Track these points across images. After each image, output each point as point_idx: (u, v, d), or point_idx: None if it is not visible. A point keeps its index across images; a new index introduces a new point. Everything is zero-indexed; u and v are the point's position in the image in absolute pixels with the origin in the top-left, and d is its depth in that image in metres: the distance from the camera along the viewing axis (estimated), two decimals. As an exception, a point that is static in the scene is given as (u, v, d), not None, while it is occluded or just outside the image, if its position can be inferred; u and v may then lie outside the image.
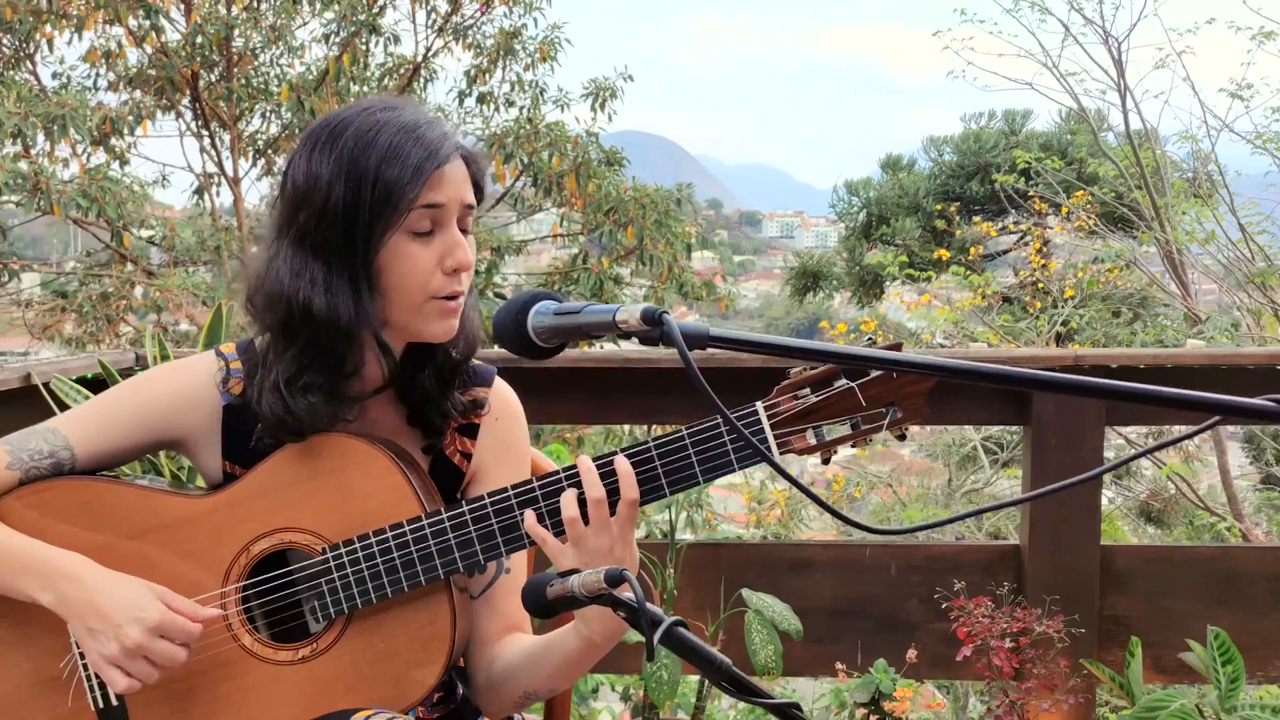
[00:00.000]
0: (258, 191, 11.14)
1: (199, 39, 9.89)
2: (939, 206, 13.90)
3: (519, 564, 1.54)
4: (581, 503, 1.35)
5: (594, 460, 1.37)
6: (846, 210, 18.58)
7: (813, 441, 1.39)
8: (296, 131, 10.72)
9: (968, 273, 8.99)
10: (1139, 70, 7.44)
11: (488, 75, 11.40)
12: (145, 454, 1.50)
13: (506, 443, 1.55)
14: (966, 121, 18.78)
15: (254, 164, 11.20)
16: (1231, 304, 7.52)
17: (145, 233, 10.17)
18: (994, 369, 1.04)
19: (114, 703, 1.41)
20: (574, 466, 1.37)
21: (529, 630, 1.53)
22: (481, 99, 11.49)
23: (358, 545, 1.39)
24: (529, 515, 1.37)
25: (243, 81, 10.30)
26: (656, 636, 1.18)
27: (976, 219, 12.14)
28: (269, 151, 11.05)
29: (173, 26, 10.49)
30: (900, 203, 17.24)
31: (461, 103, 11.41)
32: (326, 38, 10.36)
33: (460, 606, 1.43)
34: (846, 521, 1.13)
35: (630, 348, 3.05)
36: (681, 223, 10.37)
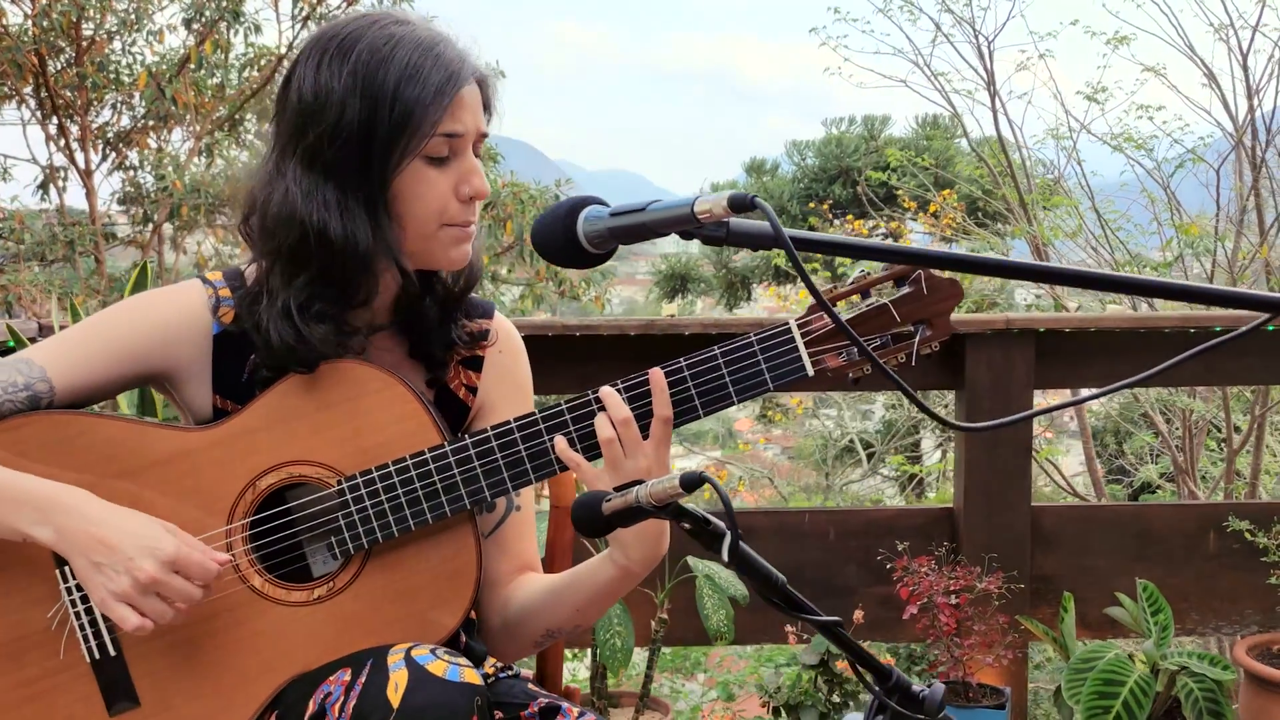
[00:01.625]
0: (109, 186, 10.64)
1: (46, 22, 9.38)
2: (811, 204, 14.19)
3: (528, 502, 1.48)
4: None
5: (625, 380, 1.33)
6: (712, 213, 18.76)
7: (844, 360, 1.37)
8: (152, 124, 10.28)
9: (831, 274, 9.18)
10: (1003, 71, 7.69)
11: (354, 69, 11.15)
12: (128, 388, 1.38)
13: (511, 375, 1.49)
14: (828, 126, 19.25)
15: (104, 157, 10.69)
16: (1095, 294, 7.85)
17: (-9, 226, 9.59)
18: (1066, 270, 1.04)
19: (111, 653, 1.29)
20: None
21: (540, 570, 1.47)
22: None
23: (376, 476, 1.31)
24: (560, 440, 1.32)
25: (97, 66, 9.81)
26: (725, 549, 1.15)
27: (850, 216, 12.41)
28: (120, 145, 10.56)
29: (15, 7, 9.94)
30: (765, 206, 17.53)
31: (328, 96, 11.14)
32: (188, 23, 9.94)
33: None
34: (942, 421, 1.11)
35: (568, 318, 2.99)
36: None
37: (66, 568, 1.29)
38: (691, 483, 1.08)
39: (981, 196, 8.98)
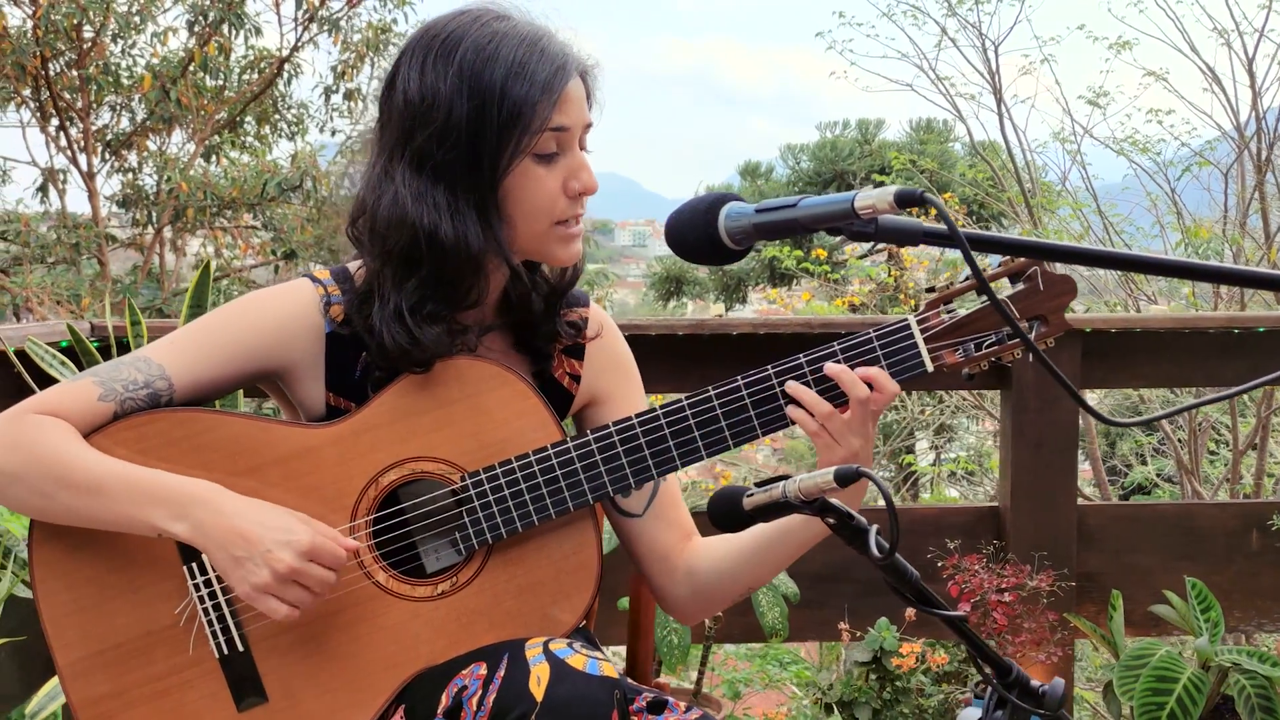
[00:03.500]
0: (109, 189, 10.60)
1: (48, 24, 9.35)
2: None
3: (672, 474, 1.49)
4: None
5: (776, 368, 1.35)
6: (707, 216, 18.81)
7: (960, 357, 1.38)
8: (155, 125, 10.25)
9: (828, 275, 9.18)
10: (1007, 75, 7.72)
11: (355, 71, 11.14)
12: (243, 385, 1.39)
13: (616, 359, 1.50)
14: (822, 130, 19.30)
15: (104, 160, 10.65)
16: (1104, 299, 7.88)
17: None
18: (1205, 265, 1.05)
19: (239, 649, 1.29)
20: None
21: (697, 533, 1.48)
22: (349, 95, 11.21)
23: (499, 471, 1.31)
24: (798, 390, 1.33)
25: (101, 68, 9.78)
26: (872, 543, 1.16)
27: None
28: (122, 150, 10.52)
29: (16, 9, 9.89)
30: (760, 208, 17.60)
31: (328, 99, 11.11)
32: (191, 24, 9.92)
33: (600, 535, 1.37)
34: (1096, 415, 1.12)
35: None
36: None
37: (194, 564, 1.30)
38: (846, 477, 1.09)
39: (986, 196, 9.01)
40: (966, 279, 1.38)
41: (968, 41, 8.58)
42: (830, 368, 1.31)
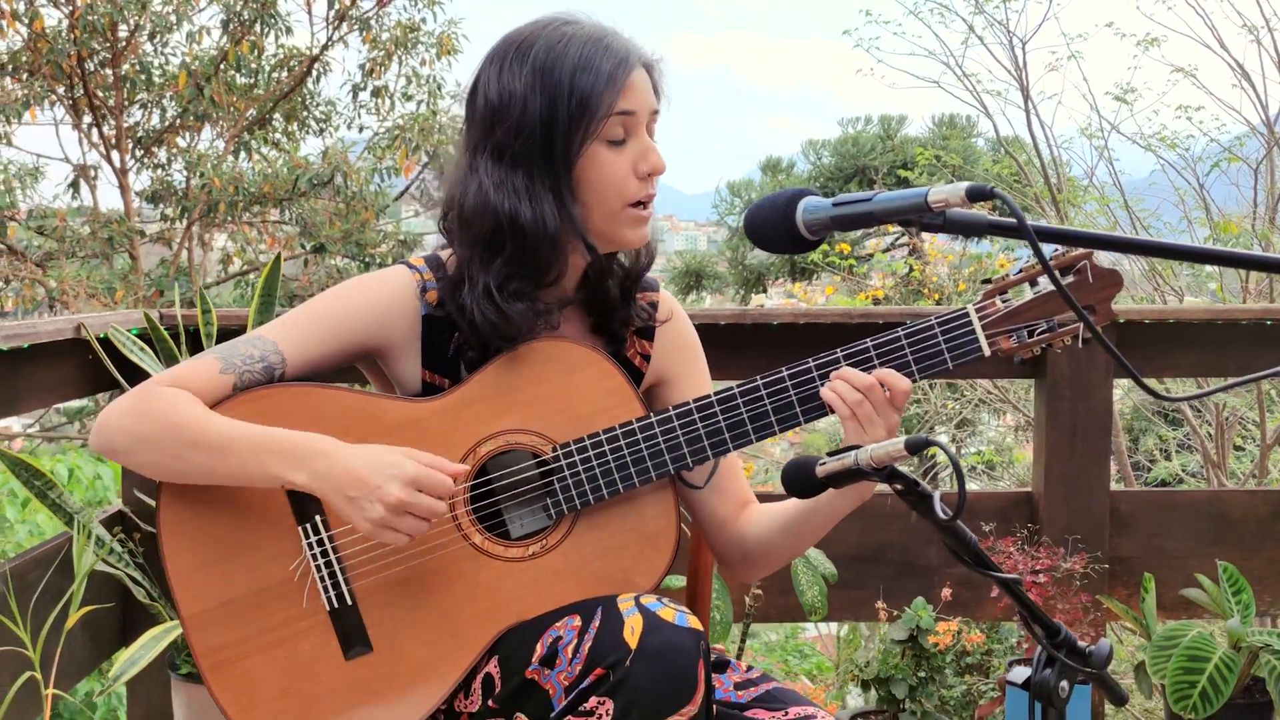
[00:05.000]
0: (139, 185, 10.76)
1: (84, 23, 9.50)
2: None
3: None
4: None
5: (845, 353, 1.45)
6: (729, 210, 18.91)
7: (1015, 344, 1.48)
8: (189, 122, 10.38)
9: (853, 269, 9.25)
10: (1034, 72, 7.78)
11: (383, 69, 11.27)
12: (347, 363, 1.50)
13: (683, 342, 1.61)
14: (844, 126, 19.32)
15: (135, 158, 10.81)
16: (1130, 293, 7.93)
17: (32, 223, 9.72)
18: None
19: (348, 602, 1.40)
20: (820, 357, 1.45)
21: (756, 502, 1.60)
22: (376, 93, 11.34)
23: (588, 443, 1.42)
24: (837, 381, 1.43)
25: (137, 67, 9.94)
26: (937, 507, 1.25)
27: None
28: (152, 147, 10.67)
29: (53, 9, 10.06)
30: (782, 204, 17.66)
31: (355, 97, 11.24)
32: (225, 24, 10.07)
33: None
34: (1147, 390, 1.22)
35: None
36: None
37: (307, 525, 1.41)
38: (917, 446, 1.19)
39: (1010, 191, 9.07)
40: (1020, 271, 1.48)
41: (995, 39, 8.63)
42: (845, 373, 1.42)
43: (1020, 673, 1.37)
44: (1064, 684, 1.31)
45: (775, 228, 1.27)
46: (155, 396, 1.37)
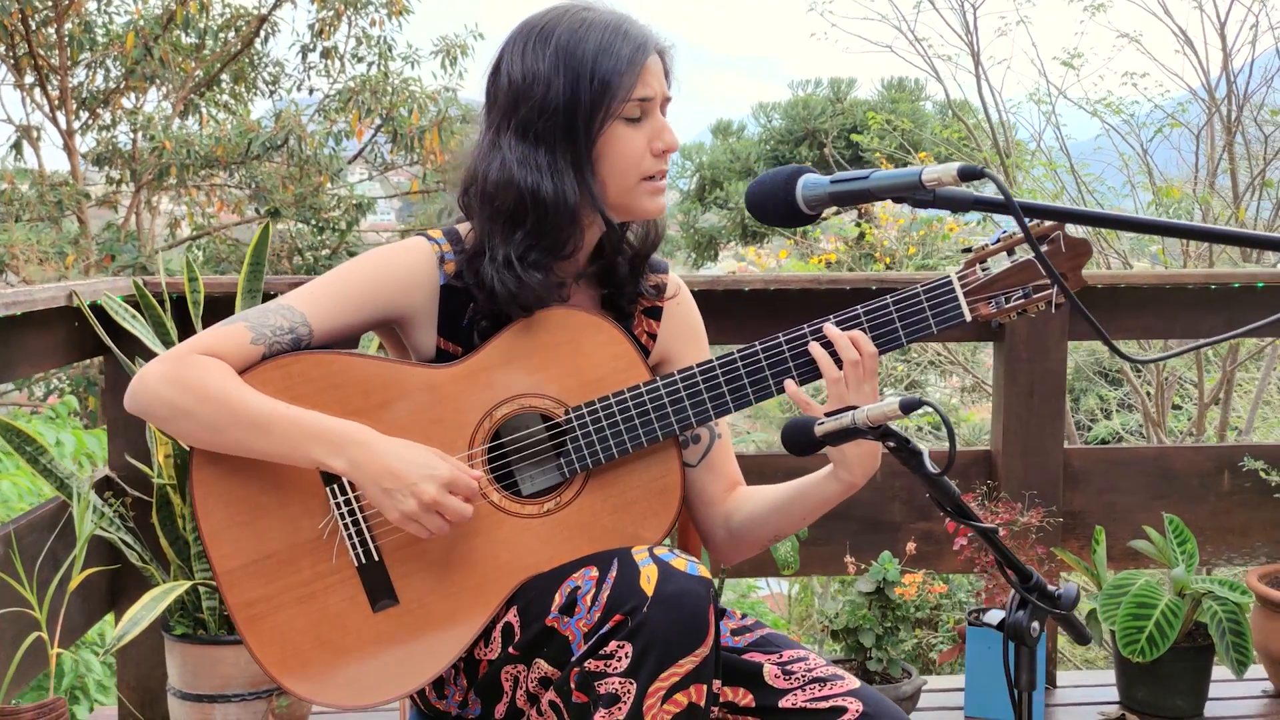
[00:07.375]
0: (84, 146, 10.60)
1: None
2: (778, 166, 14.37)
3: (725, 430, 1.70)
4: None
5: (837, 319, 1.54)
6: (680, 173, 18.96)
7: (993, 309, 1.59)
8: (135, 83, 10.23)
9: (803, 233, 9.38)
10: (984, 37, 7.91)
11: (332, 30, 11.16)
12: (369, 330, 1.58)
13: (688, 323, 1.70)
14: (794, 89, 19.39)
15: (77, 117, 10.64)
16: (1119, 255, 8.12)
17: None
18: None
19: (375, 558, 1.49)
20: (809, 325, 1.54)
21: (745, 484, 1.69)
22: (326, 54, 11.24)
23: (599, 406, 1.51)
24: (789, 384, 1.52)
25: (81, 26, 9.77)
26: (927, 463, 1.36)
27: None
28: (97, 108, 10.51)
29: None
30: (732, 167, 17.75)
31: (305, 58, 11.13)
32: (171, -19, 9.90)
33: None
34: (1117, 352, 1.33)
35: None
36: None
37: (335, 485, 1.49)
38: (910, 405, 1.29)
39: (958, 156, 9.22)
40: (998, 241, 1.59)
41: (946, 4, 8.74)
42: (828, 329, 1.52)
43: (995, 615, 1.49)
44: (1035, 624, 1.43)
45: (776, 203, 1.36)
46: (194, 365, 1.44)
